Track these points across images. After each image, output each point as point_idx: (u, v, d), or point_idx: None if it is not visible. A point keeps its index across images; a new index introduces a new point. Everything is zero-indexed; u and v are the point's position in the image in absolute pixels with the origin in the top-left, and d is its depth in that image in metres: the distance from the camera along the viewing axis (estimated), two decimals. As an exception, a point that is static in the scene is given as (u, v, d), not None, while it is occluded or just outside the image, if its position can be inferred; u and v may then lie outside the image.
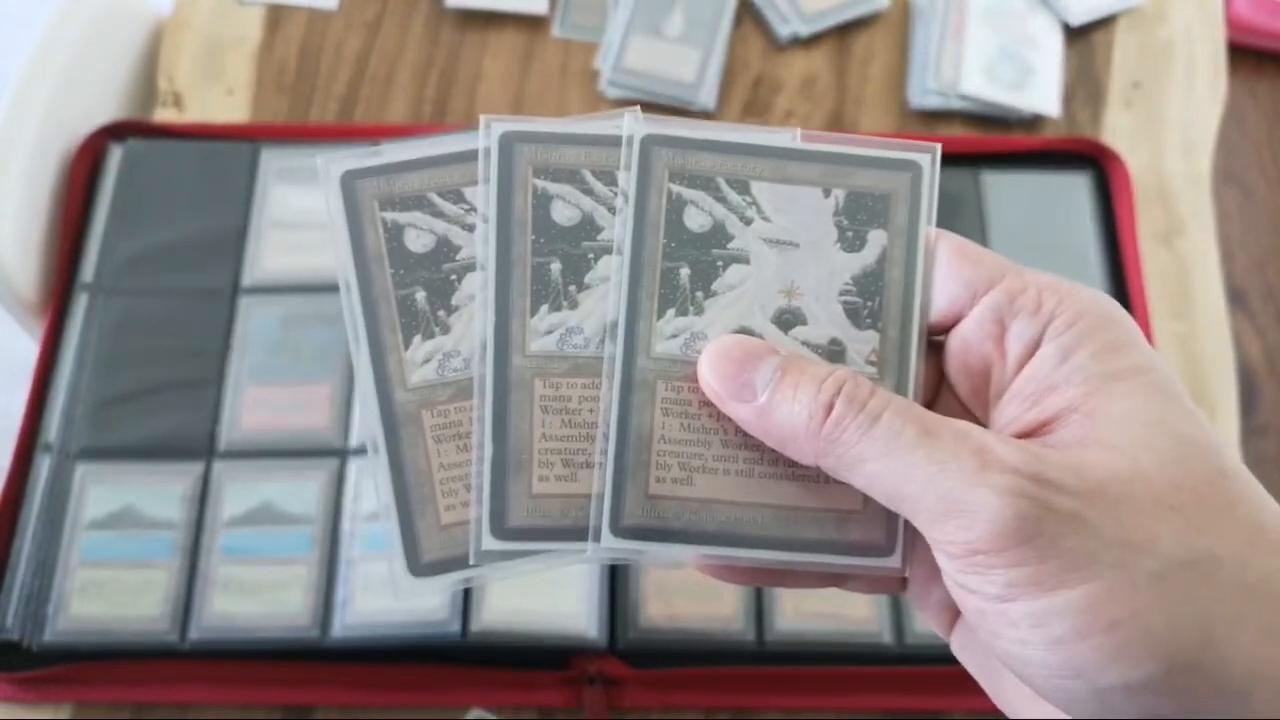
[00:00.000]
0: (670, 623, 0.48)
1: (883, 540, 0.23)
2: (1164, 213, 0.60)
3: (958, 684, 0.47)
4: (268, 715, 0.47)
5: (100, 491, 0.49)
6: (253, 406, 0.51)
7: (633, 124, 0.23)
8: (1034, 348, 0.22)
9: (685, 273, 0.23)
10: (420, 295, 0.23)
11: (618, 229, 0.23)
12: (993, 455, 0.20)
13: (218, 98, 0.62)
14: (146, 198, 0.56)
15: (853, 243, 0.23)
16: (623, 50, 0.63)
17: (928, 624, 0.25)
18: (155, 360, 0.52)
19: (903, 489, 0.20)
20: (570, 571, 0.47)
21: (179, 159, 0.57)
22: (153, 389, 0.51)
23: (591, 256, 0.23)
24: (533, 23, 0.65)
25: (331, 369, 0.52)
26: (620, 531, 0.22)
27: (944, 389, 0.24)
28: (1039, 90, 0.62)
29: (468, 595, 0.46)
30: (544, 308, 0.23)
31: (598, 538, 0.22)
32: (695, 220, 0.23)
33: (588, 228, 0.23)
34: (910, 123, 0.63)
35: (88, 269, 0.55)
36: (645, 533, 0.22)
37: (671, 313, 0.23)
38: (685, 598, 0.48)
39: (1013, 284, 0.22)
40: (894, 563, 0.23)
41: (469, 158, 0.24)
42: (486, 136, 0.23)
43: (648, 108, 0.63)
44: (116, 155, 0.57)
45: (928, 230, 0.24)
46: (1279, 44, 1.00)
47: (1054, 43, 0.64)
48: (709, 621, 0.48)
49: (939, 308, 0.23)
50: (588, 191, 0.23)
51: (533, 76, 0.64)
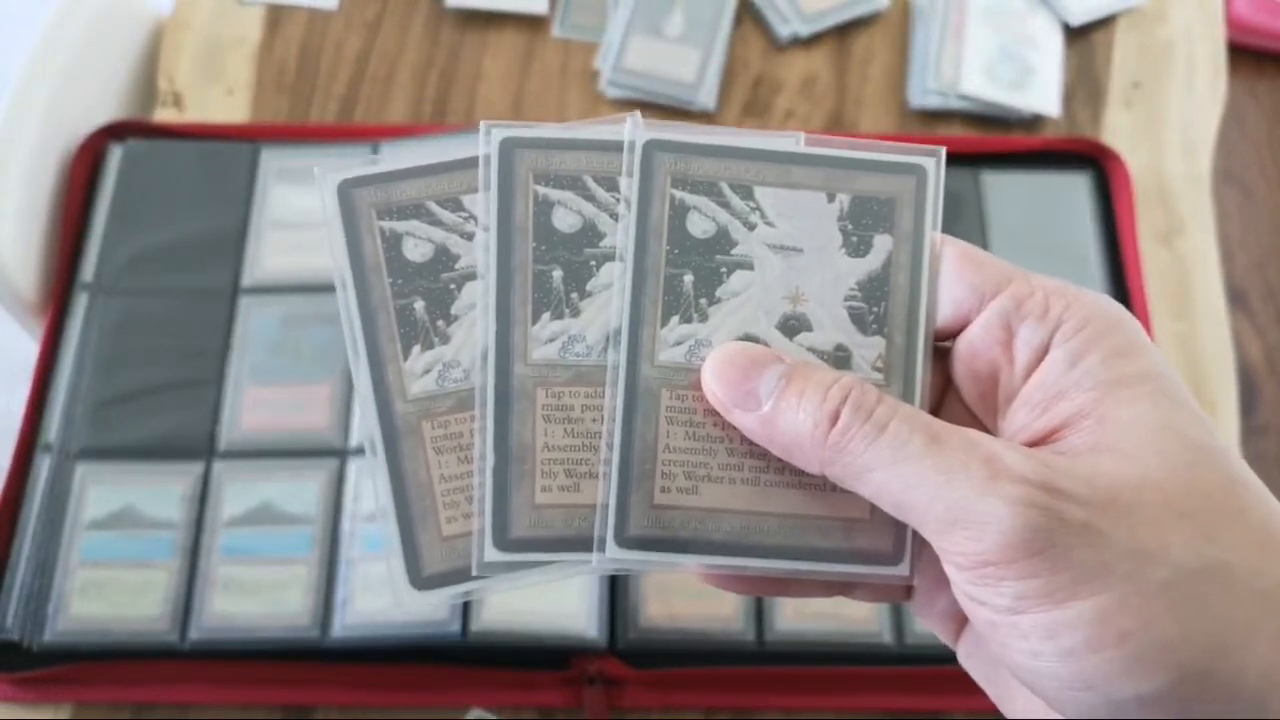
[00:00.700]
0: (670, 623, 0.48)
1: (890, 549, 0.23)
2: (1164, 213, 0.60)
3: (958, 684, 0.47)
4: (268, 715, 0.47)
5: (100, 491, 0.49)
6: (253, 406, 0.51)
7: (634, 129, 0.23)
8: (1042, 353, 0.22)
9: (689, 279, 0.23)
10: (419, 305, 0.23)
11: (620, 235, 0.23)
12: (1002, 464, 0.20)
13: (218, 98, 0.62)
14: (146, 197, 0.56)
15: (858, 248, 0.23)
16: (623, 50, 0.63)
17: (931, 631, 0.25)
18: (155, 360, 0.52)
19: (910, 499, 0.20)
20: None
21: (179, 159, 0.57)
22: (153, 389, 0.51)
23: (593, 264, 0.23)
24: (533, 23, 0.65)
25: (331, 369, 0.52)
26: (625, 542, 0.22)
27: (950, 394, 0.24)
28: (1039, 90, 0.62)
29: (468, 595, 0.46)
30: (546, 316, 0.23)
31: (602, 548, 0.22)
32: (698, 226, 0.23)
33: (589, 234, 0.23)
34: (910, 123, 0.63)
35: (88, 269, 0.55)
36: (650, 543, 0.22)
37: (675, 320, 0.23)
38: (685, 598, 0.48)
39: (1020, 289, 0.22)
40: (901, 571, 0.23)
41: (467, 165, 0.23)
42: (486, 143, 0.23)
43: (648, 108, 0.63)
44: (116, 155, 0.57)
45: (933, 235, 0.24)
46: (1279, 44, 1.00)
47: (1054, 43, 0.64)
48: (709, 621, 0.48)
49: (945, 313, 0.23)
50: (589, 198, 0.23)
51: (533, 76, 0.64)
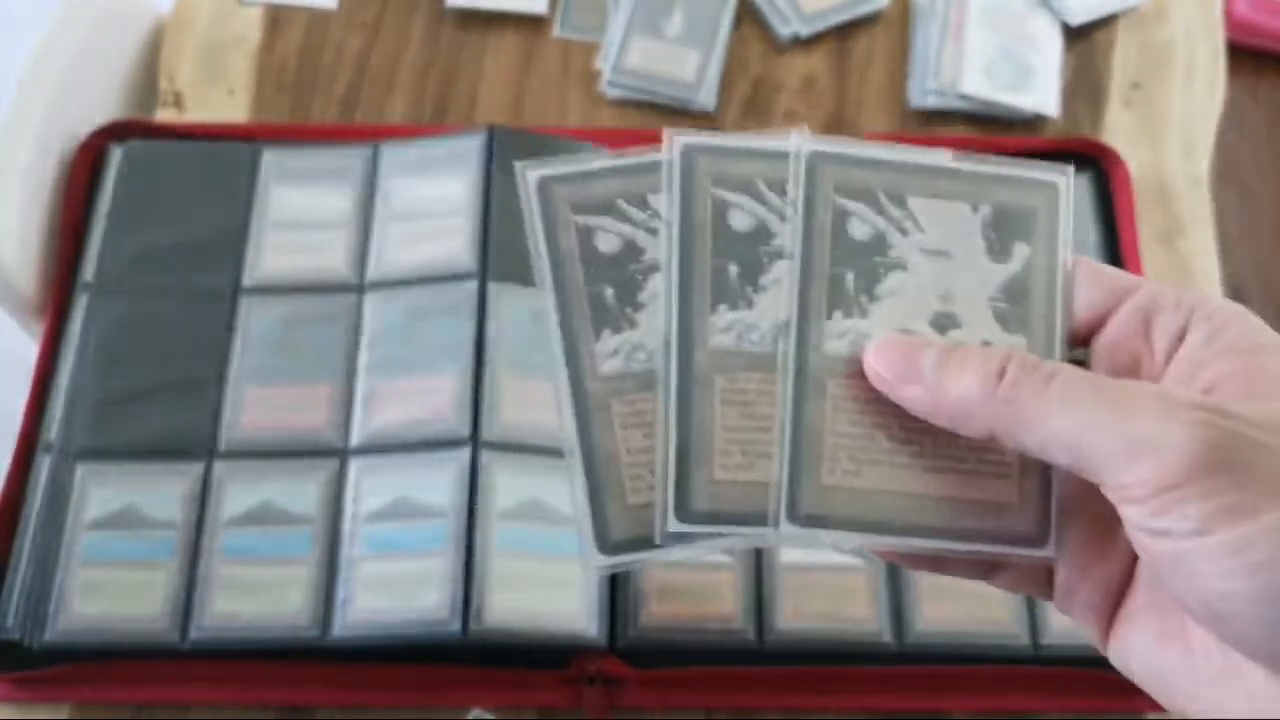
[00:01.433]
0: (670, 622, 0.48)
1: (1035, 531, 0.24)
2: (1164, 213, 0.60)
3: (958, 683, 0.47)
4: (268, 714, 0.47)
5: (101, 491, 0.49)
6: (253, 406, 0.51)
7: (799, 141, 0.26)
8: (1180, 336, 0.23)
9: (850, 278, 0.25)
10: (609, 292, 0.25)
11: (788, 237, 0.25)
12: (1175, 397, 0.21)
13: (218, 98, 0.63)
14: (147, 198, 0.56)
15: (999, 254, 0.26)
16: (623, 50, 0.63)
17: (1076, 628, 0.25)
18: (156, 360, 0.52)
19: (1085, 439, 0.21)
20: (570, 571, 0.48)
21: (179, 159, 0.57)
22: (153, 389, 0.51)
23: (766, 260, 0.25)
24: (533, 23, 0.65)
25: (332, 369, 0.52)
26: (797, 519, 0.24)
27: None
28: (1039, 90, 0.62)
29: (468, 595, 0.46)
30: (723, 307, 0.25)
31: (776, 524, 0.24)
32: (858, 230, 0.25)
33: (762, 234, 0.25)
34: (910, 123, 0.63)
35: (88, 269, 0.55)
36: (819, 520, 0.24)
37: (839, 314, 0.25)
38: (685, 597, 0.48)
39: (1151, 288, 0.24)
40: (1047, 553, 0.24)
41: (653, 168, 0.26)
42: (669, 150, 0.26)
43: (648, 108, 0.63)
44: (117, 155, 0.57)
45: (1067, 246, 0.26)
46: (1279, 44, 1.00)
47: (1054, 43, 0.64)
48: (709, 621, 0.48)
49: (1081, 314, 0.25)
50: (761, 201, 0.25)
51: (533, 77, 0.64)
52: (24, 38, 0.58)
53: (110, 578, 0.48)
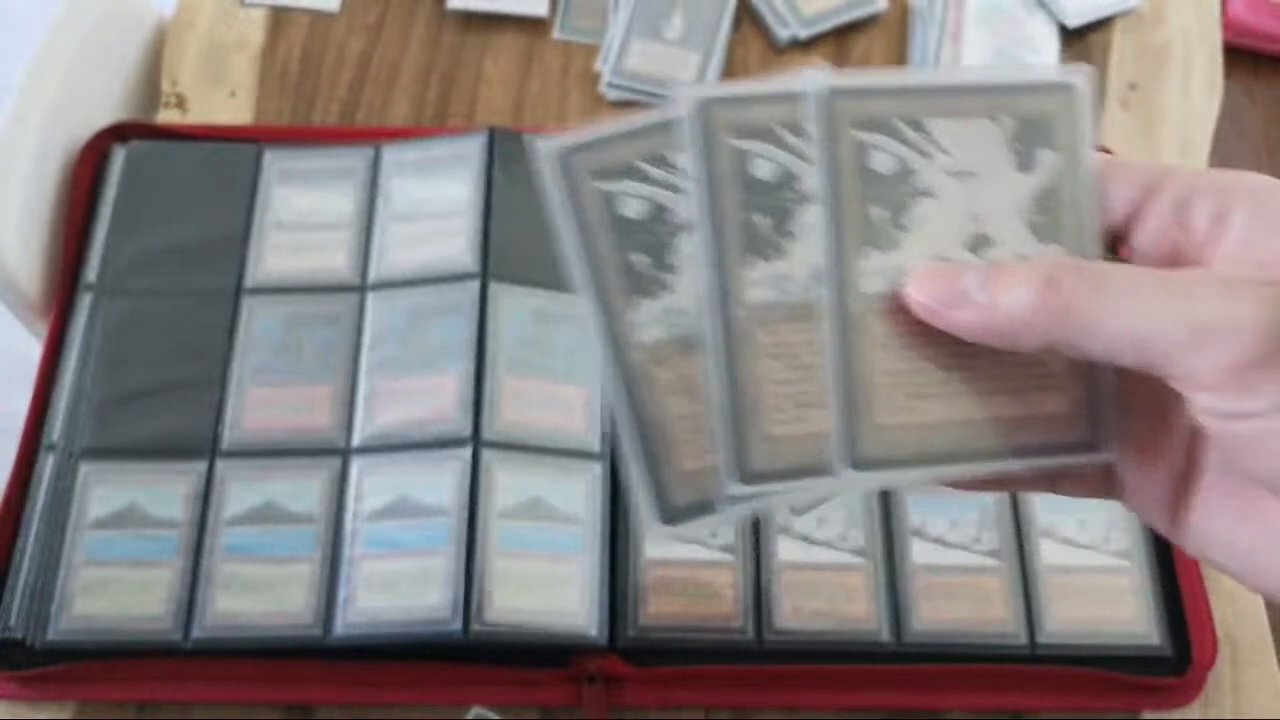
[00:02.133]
0: (670, 621, 0.48)
1: (1090, 437, 0.25)
2: (1161, 214, 0.61)
3: (956, 681, 0.48)
4: (270, 713, 0.48)
5: (103, 491, 0.50)
6: (255, 406, 0.51)
7: (813, 79, 0.25)
8: (1222, 219, 0.23)
9: (877, 212, 0.25)
10: (640, 258, 0.25)
11: (812, 179, 0.25)
12: (1237, 279, 0.20)
13: (220, 99, 0.63)
14: (150, 199, 0.56)
15: (1026, 165, 0.25)
16: (623, 52, 0.64)
17: (1149, 522, 0.26)
18: (158, 360, 0.52)
19: (1151, 333, 0.21)
20: (570, 569, 0.48)
21: (182, 160, 0.57)
22: (156, 389, 0.52)
23: (793, 206, 0.25)
24: (534, 25, 0.66)
25: (333, 369, 0.52)
26: (858, 464, 0.24)
27: None
28: (1037, 92, 0.63)
29: (469, 594, 0.46)
30: (756, 259, 0.24)
31: (837, 473, 0.24)
32: (881, 163, 0.25)
33: (787, 180, 0.25)
34: (909, 124, 0.63)
35: (91, 269, 0.55)
36: (880, 463, 0.24)
37: (873, 251, 0.24)
38: (685, 596, 0.49)
39: (1185, 176, 0.23)
40: (1106, 455, 0.25)
41: (669, 127, 0.25)
42: (684, 105, 0.25)
43: (647, 110, 0.63)
44: (120, 156, 0.58)
45: (1090, 145, 0.25)
46: (1276, 46, 1.01)
47: (1051, 45, 0.65)
48: (708, 620, 0.48)
49: (1117, 213, 0.24)
50: (782, 145, 0.25)
51: (533, 78, 0.64)
52: (26, 39, 0.59)
53: (113, 577, 0.48)
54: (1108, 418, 0.25)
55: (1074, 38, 0.66)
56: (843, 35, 0.66)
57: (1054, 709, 0.48)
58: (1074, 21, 0.65)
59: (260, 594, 0.48)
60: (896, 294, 0.24)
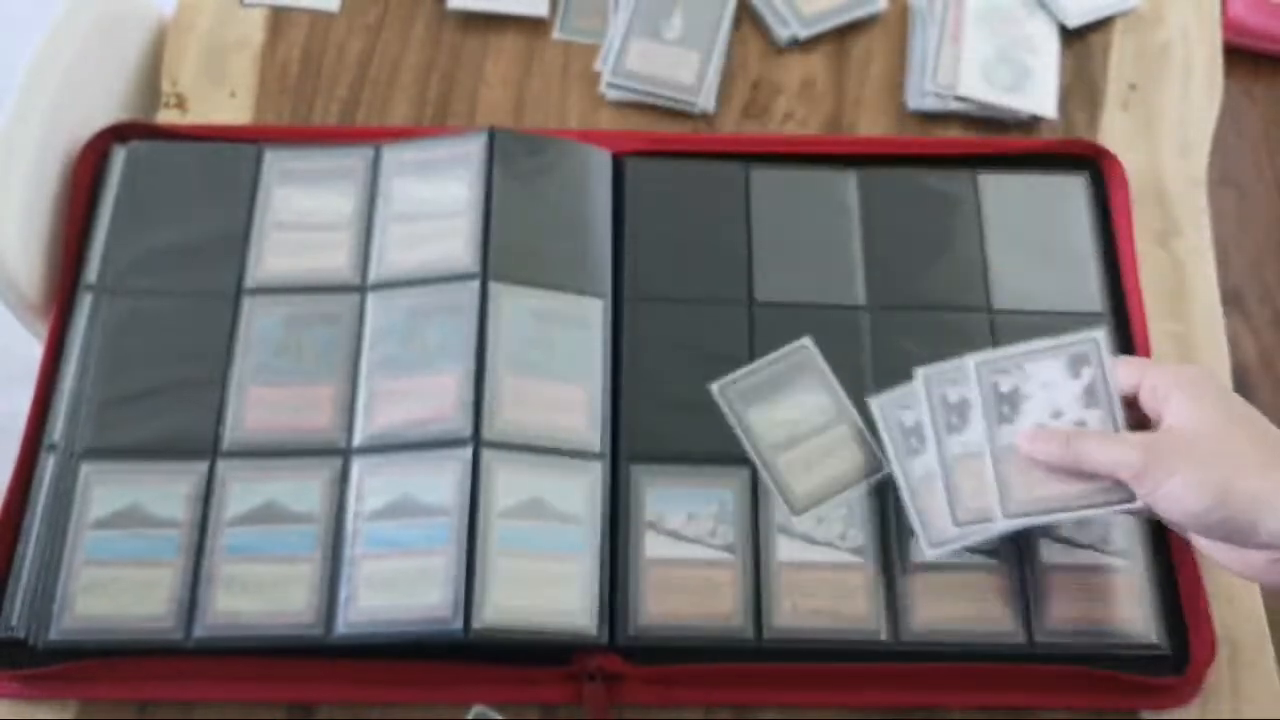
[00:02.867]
0: (670, 619, 0.48)
1: (1128, 494, 0.44)
2: (1160, 214, 0.61)
3: (954, 680, 0.48)
4: (271, 712, 0.48)
5: (104, 491, 0.50)
6: (256, 406, 0.52)
7: (970, 360, 0.48)
8: (1168, 397, 0.44)
9: (1006, 410, 0.47)
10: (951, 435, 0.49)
11: (973, 394, 0.48)
12: (1150, 439, 0.44)
13: (220, 100, 0.63)
14: (150, 199, 0.56)
15: (1076, 375, 0.47)
16: (623, 53, 0.64)
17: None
18: (159, 360, 0.52)
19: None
20: (571, 568, 0.48)
21: (182, 160, 0.57)
22: (157, 389, 0.52)
23: (970, 414, 0.48)
24: (534, 25, 0.66)
25: (334, 369, 0.52)
26: (1009, 515, 0.46)
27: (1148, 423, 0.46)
28: (1036, 92, 0.63)
29: (469, 593, 0.46)
30: (957, 435, 0.48)
31: (998, 519, 0.46)
32: (1005, 384, 0.48)
33: (965, 403, 0.49)
34: (908, 125, 0.63)
35: (91, 269, 0.55)
36: (1019, 515, 0.46)
37: (1005, 424, 0.47)
38: (685, 595, 0.49)
39: (1154, 370, 0.45)
40: (1137, 505, 0.44)
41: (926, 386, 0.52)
42: (920, 380, 0.52)
43: (647, 109, 0.63)
44: (120, 156, 0.58)
45: (1111, 358, 0.47)
46: (1275, 46, 1.01)
47: (1051, 45, 0.65)
48: (708, 618, 0.48)
49: (1125, 386, 0.46)
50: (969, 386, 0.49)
51: (534, 79, 0.64)
52: (27, 39, 0.59)
53: (114, 576, 0.48)
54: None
55: (1074, 38, 0.66)
56: (843, 35, 0.66)
57: (1052, 708, 0.48)
58: (1074, 22, 0.65)
59: (261, 593, 0.48)
60: (1018, 444, 0.46)
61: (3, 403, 0.60)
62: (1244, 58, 1.00)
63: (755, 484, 0.51)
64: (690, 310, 0.55)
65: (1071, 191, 0.59)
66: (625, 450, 0.51)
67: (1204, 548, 0.44)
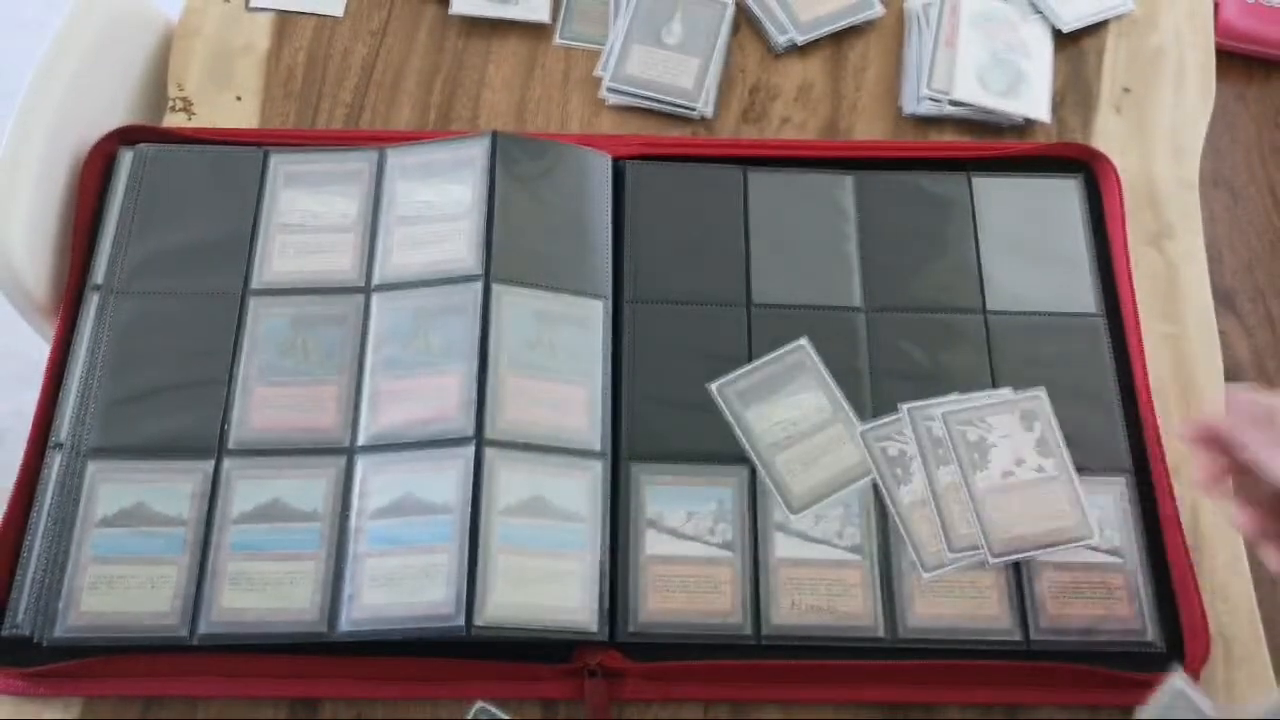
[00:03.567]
0: (670, 617, 0.49)
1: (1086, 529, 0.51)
2: (1153, 216, 0.61)
3: (950, 677, 0.48)
4: (276, 709, 0.48)
5: (111, 489, 0.50)
6: (261, 406, 0.52)
7: (938, 424, 0.53)
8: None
9: (976, 457, 0.52)
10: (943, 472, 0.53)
11: (947, 447, 0.53)
12: None
13: (226, 104, 0.64)
14: (157, 201, 0.57)
15: (1029, 428, 0.53)
16: (623, 58, 0.64)
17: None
18: (165, 360, 0.53)
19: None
20: (572, 566, 0.49)
21: (189, 163, 0.58)
22: (163, 389, 0.52)
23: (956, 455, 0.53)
24: (535, 31, 0.66)
25: (338, 369, 0.53)
26: (996, 556, 0.50)
27: None
28: (1030, 96, 0.64)
29: (471, 590, 0.47)
30: (978, 471, 0.53)
31: (988, 560, 0.50)
32: (970, 435, 0.53)
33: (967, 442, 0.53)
34: (904, 129, 0.64)
35: (99, 271, 0.56)
36: (1002, 556, 0.50)
37: (977, 470, 0.52)
38: (684, 593, 0.49)
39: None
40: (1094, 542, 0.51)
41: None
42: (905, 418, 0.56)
43: (647, 114, 0.64)
44: (127, 159, 0.58)
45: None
46: (1267, 50, 1.01)
47: (1045, 49, 0.65)
48: (707, 616, 0.49)
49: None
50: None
51: (535, 83, 0.65)
52: (34, 43, 0.59)
53: (120, 574, 0.49)
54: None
55: (1067, 42, 0.66)
56: (839, 40, 0.67)
57: (1048, 704, 0.48)
58: (1068, 26, 0.66)
59: (266, 591, 0.48)
60: (999, 486, 0.51)
61: (10, 402, 0.61)
62: (1236, 62, 1.01)
63: (754, 482, 0.52)
64: (689, 311, 0.56)
65: (1065, 194, 0.60)
66: (625, 449, 0.52)
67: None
